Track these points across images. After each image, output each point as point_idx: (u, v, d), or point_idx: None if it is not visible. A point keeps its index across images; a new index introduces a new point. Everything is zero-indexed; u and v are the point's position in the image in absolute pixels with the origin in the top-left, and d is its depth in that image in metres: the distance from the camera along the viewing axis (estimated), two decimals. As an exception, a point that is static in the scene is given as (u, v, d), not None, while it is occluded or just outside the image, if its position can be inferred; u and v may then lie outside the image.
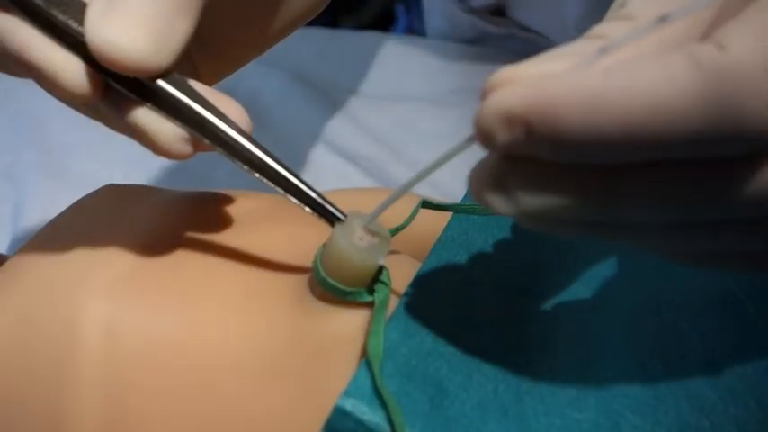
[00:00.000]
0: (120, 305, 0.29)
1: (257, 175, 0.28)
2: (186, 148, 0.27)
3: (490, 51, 0.70)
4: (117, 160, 0.61)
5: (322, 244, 0.30)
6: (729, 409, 0.27)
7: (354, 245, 0.28)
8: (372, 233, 0.29)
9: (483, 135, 0.22)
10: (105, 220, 0.33)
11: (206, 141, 0.27)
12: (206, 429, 0.28)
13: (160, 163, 0.62)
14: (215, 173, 0.62)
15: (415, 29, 0.80)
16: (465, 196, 0.36)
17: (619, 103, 0.19)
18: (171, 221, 0.32)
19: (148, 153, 0.65)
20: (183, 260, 0.30)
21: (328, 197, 0.29)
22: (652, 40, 0.22)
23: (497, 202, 0.22)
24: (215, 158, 0.62)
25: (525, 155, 0.21)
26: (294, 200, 0.29)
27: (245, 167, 0.28)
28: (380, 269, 0.30)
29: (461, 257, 0.32)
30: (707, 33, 0.21)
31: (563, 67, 0.21)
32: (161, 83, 0.26)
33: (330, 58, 0.70)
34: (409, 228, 0.34)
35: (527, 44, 0.68)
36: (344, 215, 0.29)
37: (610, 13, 0.25)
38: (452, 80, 0.68)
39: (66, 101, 0.26)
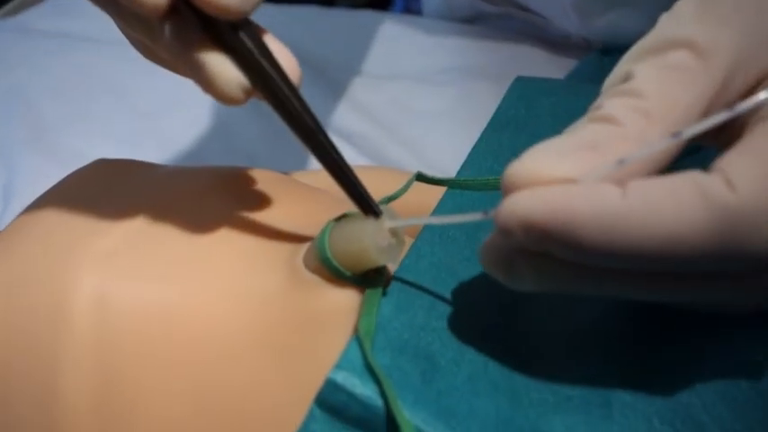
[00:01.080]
0: (111, 276, 0.29)
1: (300, 140, 0.28)
2: (241, 96, 0.27)
3: (486, 30, 0.70)
4: (108, 137, 0.61)
5: (330, 220, 0.30)
6: (719, 388, 0.27)
7: (378, 244, 0.28)
8: (393, 233, 0.29)
9: (501, 231, 0.23)
10: (96, 193, 0.33)
11: (263, 96, 0.27)
12: (197, 398, 0.28)
13: (151, 139, 0.61)
14: (207, 150, 0.61)
15: (412, 8, 0.80)
16: (460, 171, 0.36)
17: (634, 229, 0.21)
18: (162, 194, 0.32)
19: (140, 130, 0.65)
20: (174, 232, 0.30)
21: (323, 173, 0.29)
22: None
23: (505, 280, 0.25)
24: (207, 136, 0.62)
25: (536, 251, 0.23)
26: (331, 176, 0.28)
27: (292, 131, 0.28)
28: None
29: (455, 233, 0.32)
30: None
31: (580, 170, 0.23)
32: (237, 30, 0.26)
33: (325, 37, 0.70)
34: (404, 202, 0.34)
35: (524, 23, 0.68)
36: (380, 211, 0.29)
37: (612, 82, 0.26)
38: (448, 59, 0.68)
39: (137, 8, 0.26)
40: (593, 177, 0.23)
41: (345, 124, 0.63)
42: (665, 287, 0.24)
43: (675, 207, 0.21)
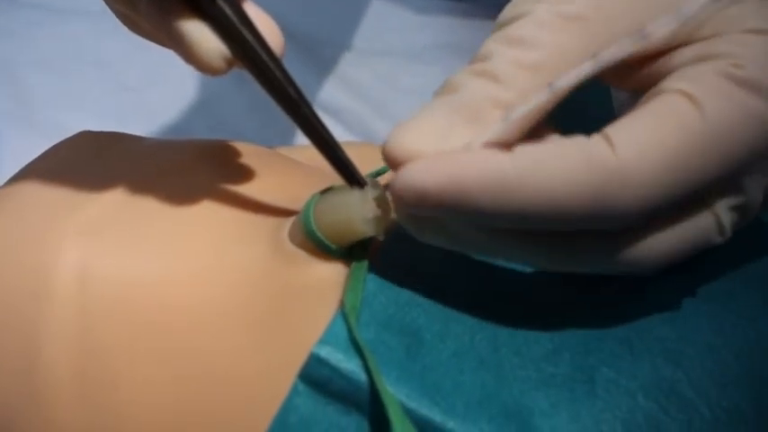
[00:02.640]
0: (93, 248, 0.28)
1: (282, 110, 0.27)
2: (222, 65, 0.26)
3: (475, 8, 0.70)
4: (93, 110, 0.61)
5: (315, 193, 0.30)
6: (706, 364, 0.27)
7: (363, 215, 0.28)
8: (379, 204, 0.29)
9: (397, 203, 0.25)
10: (79, 165, 0.33)
11: (244, 65, 0.27)
12: (179, 369, 0.28)
13: (137, 113, 0.61)
14: (193, 124, 0.61)
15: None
16: None
17: (523, 191, 0.23)
18: (146, 167, 0.32)
19: (126, 103, 0.64)
20: (158, 204, 0.30)
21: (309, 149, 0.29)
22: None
23: (416, 235, 0.27)
24: (194, 110, 0.62)
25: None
26: (315, 147, 0.28)
27: (274, 100, 0.27)
28: None
29: None
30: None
31: (462, 144, 0.24)
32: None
33: (312, 13, 0.70)
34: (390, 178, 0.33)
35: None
36: (365, 181, 0.28)
37: (506, 19, 0.26)
38: (436, 36, 0.68)
39: None
40: (478, 144, 0.24)
41: (333, 100, 0.63)
42: (556, 251, 0.25)
43: (561, 169, 0.23)
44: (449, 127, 0.24)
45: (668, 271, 0.28)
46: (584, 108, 0.26)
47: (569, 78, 0.25)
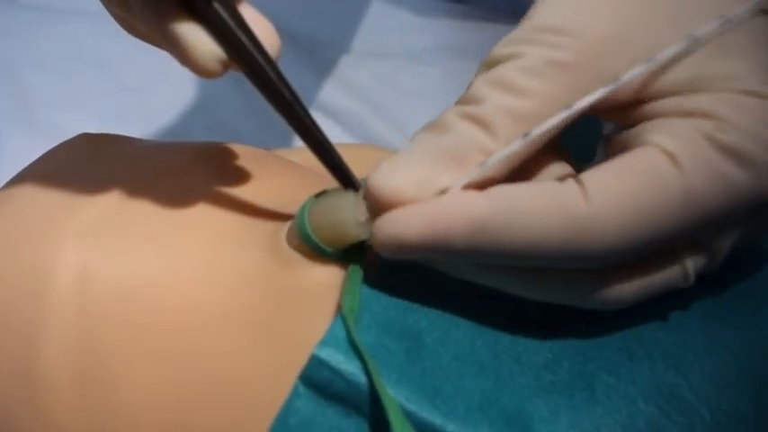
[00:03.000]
0: (92, 250, 0.28)
1: (278, 113, 0.28)
2: (217, 68, 0.26)
3: (474, 10, 0.70)
4: (92, 111, 0.61)
5: (310, 196, 0.29)
6: (705, 367, 0.27)
7: (358, 219, 0.28)
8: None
9: (379, 249, 0.26)
10: (79, 167, 0.33)
11: (239, 68, 0.27)
12: (178, 371, 0.28)
13: (136, 114, 0.61)
14: (191, 125, 0.61)
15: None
16: None
17: (499, 234, 0.24)
18: (144, 169, 0.32)
19: (126, 106, 0.64)
20: (157, 206, 0.30)
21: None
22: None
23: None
24: (192, 111, 0.62)
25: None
26: (310, 149, 0.28)
27: (269, 103, 0.27)
28: None
29: None
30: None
31: (445, 185, 0.25)
32: (210, 0, 0.26)
33: (312, 14, 0.70)
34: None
35: (512, 3, 0.67)
36: (359, 184, 0.28)
37: (495, 59, 0.27)
38: (435, 38, 0.67)
39: None
40: (457, 187, 0.25)
41: (332, 101, 0.63)
42: (529, 284, 0.26)
43: (535, 214, 0.24)
44: (435, 170, 0.26)
45: None
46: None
47: (543, 128, 0.25)
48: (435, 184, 0.25)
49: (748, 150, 0.24)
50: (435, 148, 0.26)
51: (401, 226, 0.25)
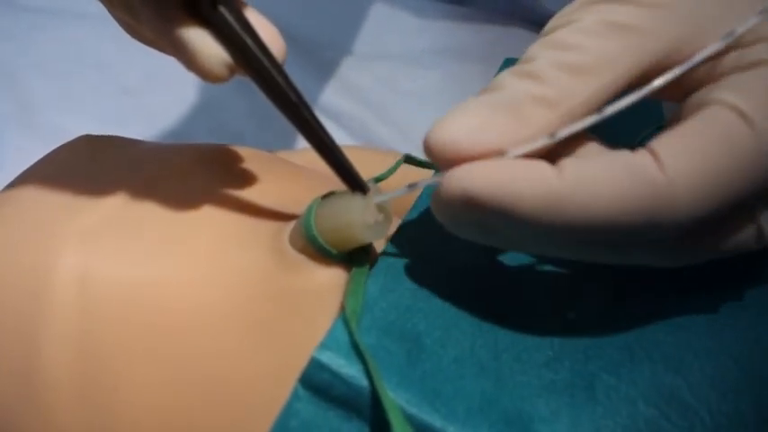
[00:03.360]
0: (93, 253, 0.28)
1: (284, 116, 0.27)
2: (224, 72, 0.26)
3: (474, 12, 0.70)
4: (94, 113, 0.61)
5: (317, 198, 0.29)
6: (706, 369, 0.27)
7: (365, 221, 0.28)
8: (380, 209, 0.29)
9: (445, 206, 0.24)
10: (80, 169, 0.33)
11: (245, 72, 0.27)
12: (179, 378, 0.28)
13: (137, 116, 0.61)
14: (193, 128, 0.61)
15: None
16: None
17: (571, 208, 0.23)
18: (146, 171, 0.32)
19: (128, 108, 0.64)
20: (157, 209, 0.30)
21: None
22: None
23: (450, 227, 0.26)
24: (194, 113, 0.62)
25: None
26: (317, 152, 0.28)
27: (276, 106, 0.27)
28: None
29: None
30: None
31: (502, 141, 0.24)
32: (216, 5, 0.26)
33: (313, 16, 0.70)
34: (391, 184, 0.33)
35: (512, 4, 0.67)
36: (367, 187, 0.28)
37: (555, 25, 0.26)
38: (436, 40, 0.68)
39: None
40: (521, 152, 0.24)
41: (333, 104, 0.63)
42: (601, 252, 0.25)
43: (609, 186, 0.23)
44: (490, 120, 0.24)
45: (668, 284, 0.29)
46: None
47: (616, 106, 0.24)
48: (494, 133, 0.24)
49: None
50: (489, 101, 0.25)
51: (472, 181, 0.23)
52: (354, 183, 0.28)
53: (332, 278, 0.30)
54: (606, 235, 0.23)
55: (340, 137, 0.61)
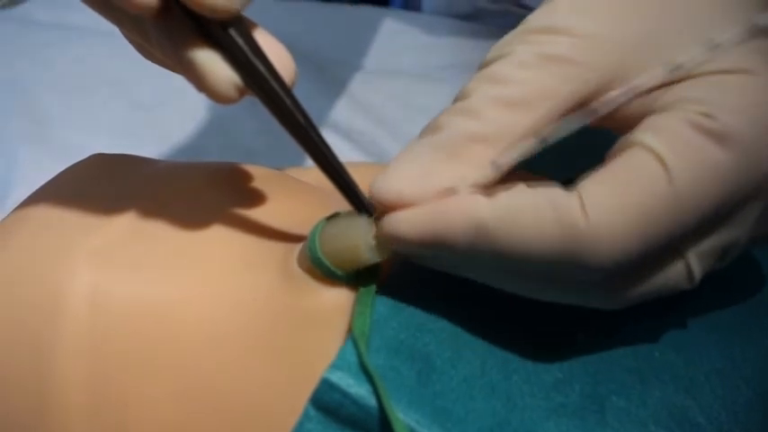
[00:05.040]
0: (106, 273, 0.29)
1: (292, 137, 0.28)
2: (234, 94, 0.27)
3: (485, 28, 0.70)
4: (107, 130, 0.61)
5: (321, 219, 0.30)
6: (717, 390, 0.27)
7: (369, 242, 0.28)
8: None
9: (385, 244, 0.27)
10: (93, 188, 0.33)
11: (254, 94, 0.27)
12: (188, 393, 0.28)
13: (151, 135, 0.61)
14: (205, 144, 0.61)
15: (412, 4, 0.80)
16: None
17: (497, 240, 0.24)
18: (158, 191, 0.32)
19: (140, 125, 0.64)
20: (169, 229, 0.30)
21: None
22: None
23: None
24: (205, 129, 0.62)
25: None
26: (323, 173, 0.29)
27: (284, 128, 0.28)
28: None
29: None
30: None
31: (446, 183, 0.25)
32: (227, 27, 0.26)
33: (325, 32, 0.70)
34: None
35: (522, 20, 0.67)
36: (372, 208, 0.28)
37: (488, 60, 0.28)
38: (447, 56, 0.68)
39: (128, 7, 0.26)
40: (464, 186, 0.25)
41: (344, 120, 0.63)
42: (537, 287, 0.26)
43: (533, 223, 0.24)
44: (431, 166, 0.26)
45: (673, 303, 0.28)
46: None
47: (559, 131, 0.25)
48: (437, 178, 0.25)
49: (736, 130, 0.24)
50: (430, 145, 0.26)
51: (401, 225, 0.25)
52: (359, 203, 0.28)
53: (340, 298, 0.30)
54: (533, 269, 0.25)
55: (351, 153, 0.61)
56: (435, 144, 0.26)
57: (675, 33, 0.26)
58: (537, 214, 0.24)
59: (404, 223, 0.25)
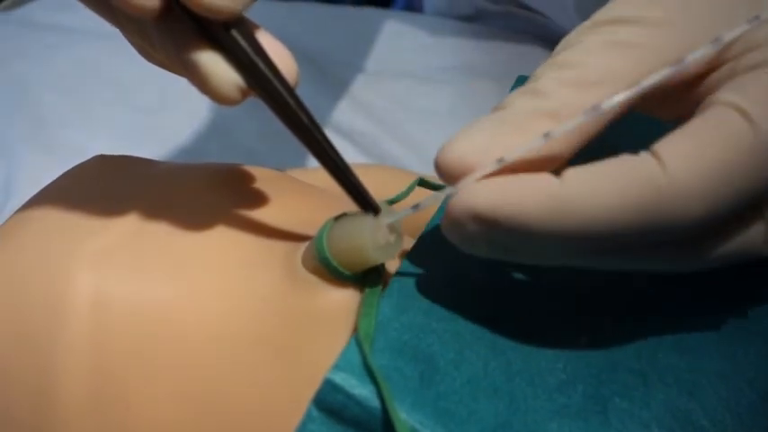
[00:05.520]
0: (108, 275, 0.29)
1: (296, 138, 0.28)
2: (237, 95, 0.27)
3: (488, 29, 0.70)
4: (108, 132, 0.61)
5: (329, 220, 0.30)
6: (720, 392, 0.27)
7: (376, 242, 0.28)
8: (392, 229, 0.29)
9: (454, 225, 0.25)
10: (95, 189, 0.33)
11: (258, 95, 0.27)
12: (192, 394, 0.28)
13: (153, 136, 0.61)
14: (207, 146, 0.61)
15: (414, 4, 0.80)
16: None
17: (576, 215, 0.23)
18: (160, 192, 0.32)
19: (143, 127, 0.65)
20: (172, 230, 0.30)
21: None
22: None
23: (460, 244, 0.26)
24: (207, 131, 0.62)
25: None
26: (329, 174, 0.28)
27: (288, 128, 0.28)
28: None
29: None
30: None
31: (510, 144, 0.25)
32: (229, 29, 0.26)
33: (327, 34, 0.70)
34: (404, 206, 0.33)
35: (525, 22, 0.68)
36: (379, 208, 0.29)
37: (558, 50, 0.27)
38: (449, 57, 0.68)
39: (130, 10, 0.26)
40: (520, 153, 0.24)
41: (346, 121, 0.63)
42: (611, 257, 0.25)
43: (611, 189, 0.23)
44: (496, 136, 0.25)
45: (679, 301, 0.28)
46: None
47: (611, 102, 0.25)
48: (501, 148, 0.25)
49: None
50: (495, 119, 0.26)
51: (475, 197, 0.24)
52: (365, 204, 0.28)
53: (345, 299, 0.30)
54: (613, 238, 0.24)
55: (353, 155, 0.61)
56: (501, 118, 0.25)
57: (726, 17, 0.26)
58: (612, 180, 0.23)
59: (479, 195, 0.24)
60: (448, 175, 0.25)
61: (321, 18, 0.71)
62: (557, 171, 0.24)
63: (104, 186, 0.33)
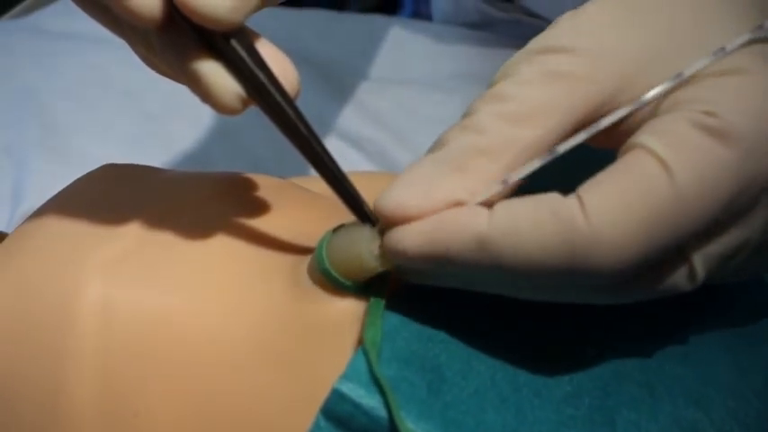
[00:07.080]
0: (116, 283, 0.29)
1: (294, 147, 0.28)
2: (237, 105, 0.27)
3: (494, 36, 0.70)
4: (119, 141, 0.61)
5: (328, 231, 0.30)
6: (728, 403, 0.27)
7: (373, 251, 0.28)
8: None
9: (390, 258, 0.27)
10: (105, 198, 0.33)
11: (257, 105, 0.27)
12: (199, 406, 0.28)
13: (162, 144, 0.61)
14: (213, 153, 0.61)
15: (421, 12, 0.80)
16: None
17: (498, 252, 0.24)
18: (167, 201, 0.32)
19: (150, 134, 0.65)
20: (181, 239, 0.30)
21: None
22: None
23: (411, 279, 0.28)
24: (213, 138, 0.62)
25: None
26: (326, 183, 0.29)
27: (286, 138, 0.28)
28: None
29: None
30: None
31: (451, 198, 0.25)
32: (229, 39, 0.26)
33: (334, 41, 0.70)
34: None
35: (533, 30, 0.67)
36: (375, 218, 0.29)
37: (494, 80, 0.28)
38: (456, 65, 0.68)
39: (132, 19, 0.26)
40: (474, 203, 0.25)
41: (352, 128, 0.63)
42: (551, 292, 0.26)
43: (535, 233, 0.24)
44: (435, 179, 0.25)
45: (684, 316, 0.28)
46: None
47: (568, 144, 0.25)
48: (441, 191, 0.25)
49: (738, 127, 0.24)
50: (435, 159, 0.26)
51: (405, 239, 0.25)
52: (362, 213, 0.29)
53: (350, 309, 0.30)
54: (534, 277, 0.24)
55: (358, 161, 0.61)
56: (439, 158, 0.26)
57: (682, 45, 0.26)
58: (537, 221, 0.24)
59: (406, 238, 0.25)
60: (389, 223, 0.26)
61: (328, 25, 0.71)
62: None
63: (113, 195, 0.33)
